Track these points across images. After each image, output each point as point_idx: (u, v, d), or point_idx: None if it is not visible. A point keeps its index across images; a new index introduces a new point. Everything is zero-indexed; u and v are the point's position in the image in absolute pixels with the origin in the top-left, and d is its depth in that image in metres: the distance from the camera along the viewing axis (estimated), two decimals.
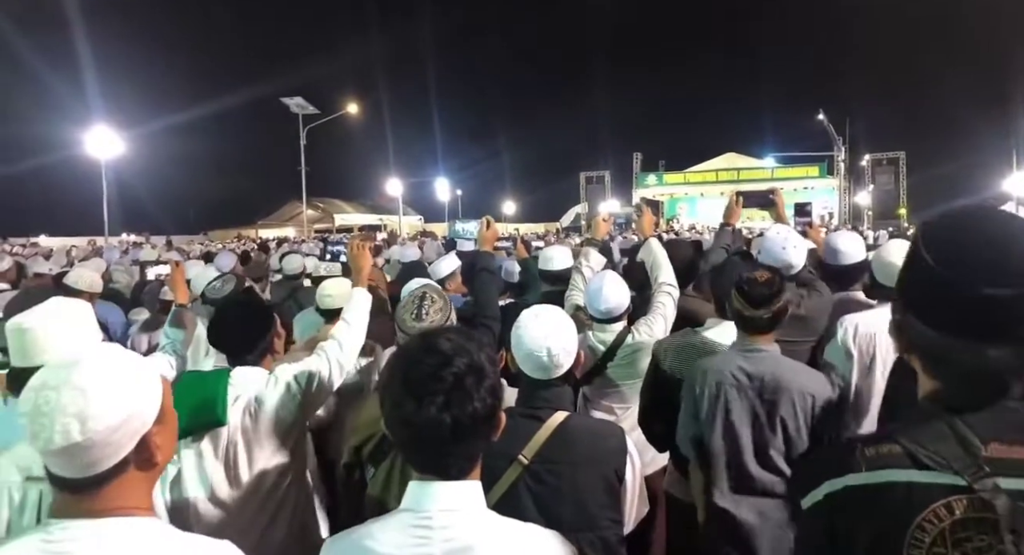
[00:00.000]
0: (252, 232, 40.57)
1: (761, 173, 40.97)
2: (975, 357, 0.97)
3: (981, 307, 0.95)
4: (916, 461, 0.98)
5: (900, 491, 0.97)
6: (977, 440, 0.96)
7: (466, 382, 1.18)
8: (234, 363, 2.19)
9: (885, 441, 1.02)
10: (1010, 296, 0.93)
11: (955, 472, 0.95)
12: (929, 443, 0.98)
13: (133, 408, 1.10)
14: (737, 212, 3.62)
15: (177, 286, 2.96)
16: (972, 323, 0.97)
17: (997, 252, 0.96)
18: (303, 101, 30.83)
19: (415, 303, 2.12)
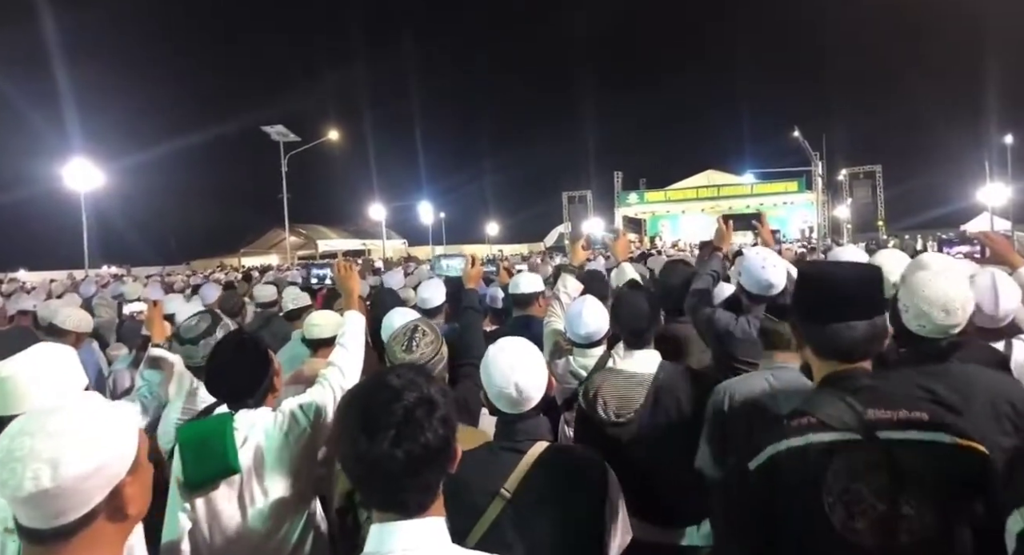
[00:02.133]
0: (235, 260, 40.33)
1: (741, 189, 41.36)
2: (843, 335, 1.46)
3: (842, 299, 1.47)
4: (825, 426, 1.40)
5: (818, 447, 1.39)
6: (858, 405, 1.40)
7: (416, 414, 1.19)
8: (236, 408, 2.14)
9: (802, 415, 1.45)
10: (855, 291, 1.49)
11: (851, 430, 1.38)
12: (832, 413, 1.41)
13: (106, 457, 1.10)
14: (728, 237, 3.63)
15: (154, 325, 2.94)
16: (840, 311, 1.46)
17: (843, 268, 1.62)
18: (283, 129, 30.82)
19: (406, 335, 2.13)
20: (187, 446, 2.01)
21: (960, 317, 1.96)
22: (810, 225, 36.84)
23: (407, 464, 1.17)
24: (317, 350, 3.38)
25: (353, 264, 2.83)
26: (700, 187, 43.80)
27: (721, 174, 45.14)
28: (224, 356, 2.22)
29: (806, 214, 38.75)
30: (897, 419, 1.39)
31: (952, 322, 1.95)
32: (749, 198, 40.09)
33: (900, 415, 1.40)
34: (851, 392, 1.44)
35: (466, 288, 3.06)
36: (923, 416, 1.40)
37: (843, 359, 1.49)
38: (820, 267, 1.78)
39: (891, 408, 1.41)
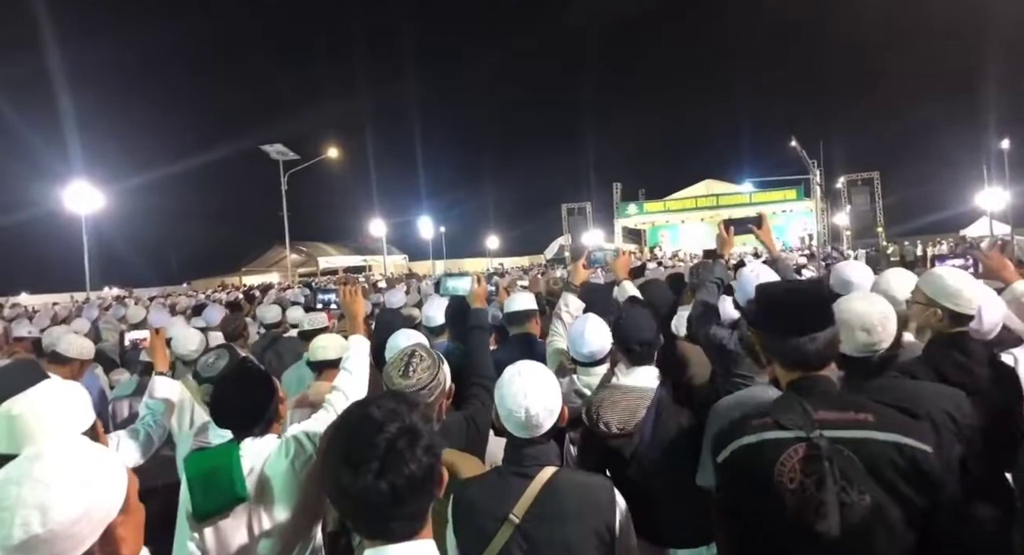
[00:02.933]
0: (236, 279, 40.43)
1: (739, 198, 41.41)
2: (801, 348, 1.64)
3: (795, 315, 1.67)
4: (779, 425, 1.60)
5: (771, 444, 1.60)
6: (811, 409, 1.59)
7: (398, 445, 1.19)
8: (242, 437, 2.14)
9: (762, 416, 1.66)
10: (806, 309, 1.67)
11: (798, 429, 1.57)
12: (785, 414, 1.61)
13: (95, 499, 1.10)
14: (730, 242, 3.59)
15: (157, 353, 2.93)
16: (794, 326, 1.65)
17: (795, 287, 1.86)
18: (283, 147, 30.96)
19: (403, 360, 2.12)
20: (195, 477, 2.02)
21: (880, 334, 2.02)
22: (809, 233, 36.89)
23: (392, 495, 1.17)
24: (322, 372, 3.40)
25: (358, 288, 2.84)
26: (699, 196, 43.89)
27: (720, 183, 45.22)
28: (228, 387, 2.22)
29: (805, 222, 38.83)
30: (844, 420, 1.58)
31: (873, 339, 2.02)
32: (748, 207, 40.13)
33: (847, 416, 1.59)
34: (807, 397, 1.64)
35: (473, 307, 3.05)
36: (868, 417, 1.58)
37: (805, 369, 1.68)
38: (777, 288, 1.87)
39: (840, 410, 1.61)
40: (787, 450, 1.57)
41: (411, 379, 2.05)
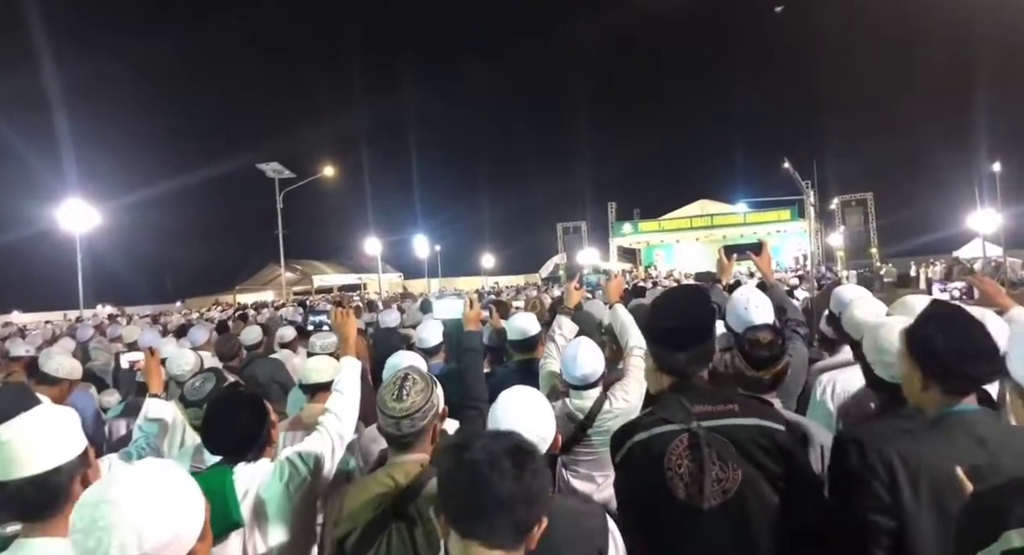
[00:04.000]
0: (230, 297, 40.31)
1: (734, 219, 41.62)
2: (670, 358, 1.96)
3: (667, 332, 1.98)
4: (664, 420, 1.89)
5: (659, 437, 1.87)
6: (689, 405, 1.88)
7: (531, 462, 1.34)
8: (235, 462, 2.14)
9: (651, 415, 1.94)
10: (676, 327, 1.96)
11: (681, 422, 1.86)
12: (667, 410, 1.91)
13: (184, 524, 1.13)
14: (729, 269, 3.62)
15: (152, 375, 2.93)
16: (666, 340, 1.98)
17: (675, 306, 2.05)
18: (278, 166, 31.02)
19: (396, 384, 2.12)
20: None
21: None
22: (804, 253, 37.04)
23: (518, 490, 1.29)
24: (315, 395, 3.39)
25: (350, 309, 2.85)
26: (694, 216, 44.08)
27: (714, 203, 45.45)
28: (219, 413, 2.23)
29: (799, 242, 38.99)
30: (715, 411, 1.88)
31: None
32: (742, 227, 40.35)
33: (717, 408, 1.89)
34: (684, 394, 1.93)
35: (466, 330, 3.07)
36: (734, 407, 1.89)
37: (679, 375, 1.97)
38: (659, 314, 2.10)
39: (711, 403, 1.90)
40: (673, 440, 1.86)
41: (404, 402, 2.06)
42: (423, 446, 2.12)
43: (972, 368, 1.73)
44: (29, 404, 1.88)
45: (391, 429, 2.07)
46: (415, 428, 2.05)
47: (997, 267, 27.00)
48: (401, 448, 2.10)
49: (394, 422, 2.05)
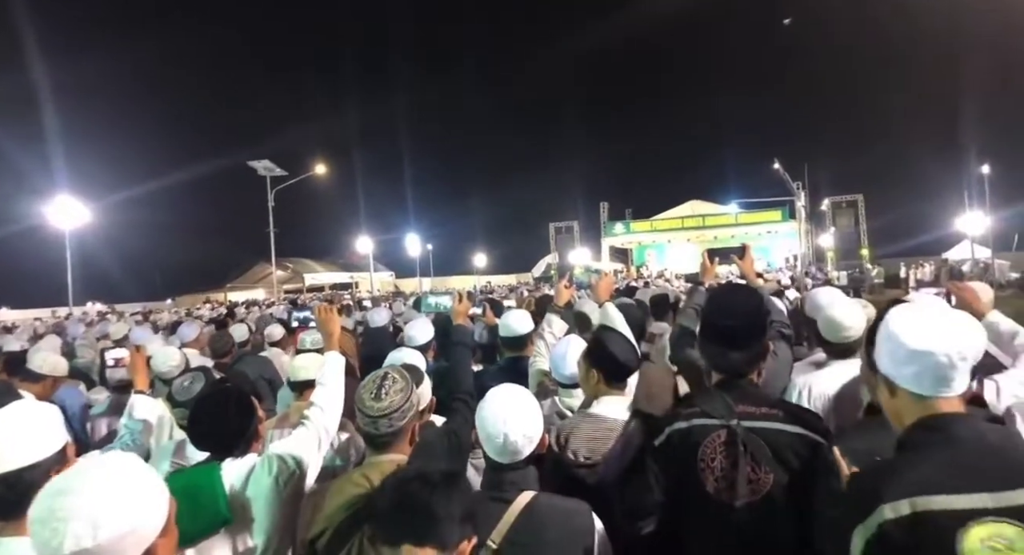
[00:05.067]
0: (221, 295, 40.16)
1: (725, 219, 41.77)
2: (728, 357, 1.97)
3: (728, 331, 1.97)
4: (705, 414, 1.91)
5: (698, 429, 1.91)
6: (732, 403, 1.89)
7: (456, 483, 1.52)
8: (222, 458, 2.13)
9: (691, 407, 1.96)
10: (737, 325, 1.97)
11: (721, 418, 1.88)
12: (709, 404, 1.93)
13: (142, 518, 1.12)
14: (711, 271, 3.65)
15: (138, 372, 2.91)
16: (726, 340, 1.97)
17: (734, 304, 2.03)
18: (270, 164, 30.91)
19: (376, 383, 2.11)
20: (176, 499, 1.98)
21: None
22: (794, 254, 37.18)
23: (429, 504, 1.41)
24: (302, 392, 3.37)
25: (333, 306, 2.84)
26: (685, 217, 44.21)
27: (706, 204, 45.57)
28: (206, 409, 2.21)
29: (790, 243, 39.14)
30: (759, 413, 1.87)
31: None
32: (733, 228, 40.50)
33: (761, 410, 1.88)
34: (729, 393, 1.94)
35: (455, 324, 3.07)
36: (779, 412, 1.88)
37: (733, 374, 1.99)
38: (716, 312, 2.09)
39: (756, 405, 1.90)
40: (711, 434, 1.88)
41: (383, 402, 2.04)
42: (401, 446, 2.11)
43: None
44: (7, 400, 1.85)
45: (369, 428, 2.06)
46: (393, 428, 2.05)
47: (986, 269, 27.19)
48: (378, 448, 2.09)
49: (371, 421, 2.04)
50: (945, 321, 1.48)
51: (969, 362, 1.46)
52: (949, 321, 1.48)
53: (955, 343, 1.43)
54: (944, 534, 1.28)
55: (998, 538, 1.25)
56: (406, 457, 2.10)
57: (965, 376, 1.46)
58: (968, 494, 1.29)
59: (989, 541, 1.25)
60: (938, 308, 1.57)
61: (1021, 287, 20.09)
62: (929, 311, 1.52)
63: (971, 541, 1.26)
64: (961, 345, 1.44)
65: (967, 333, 1.48)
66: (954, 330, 1.46)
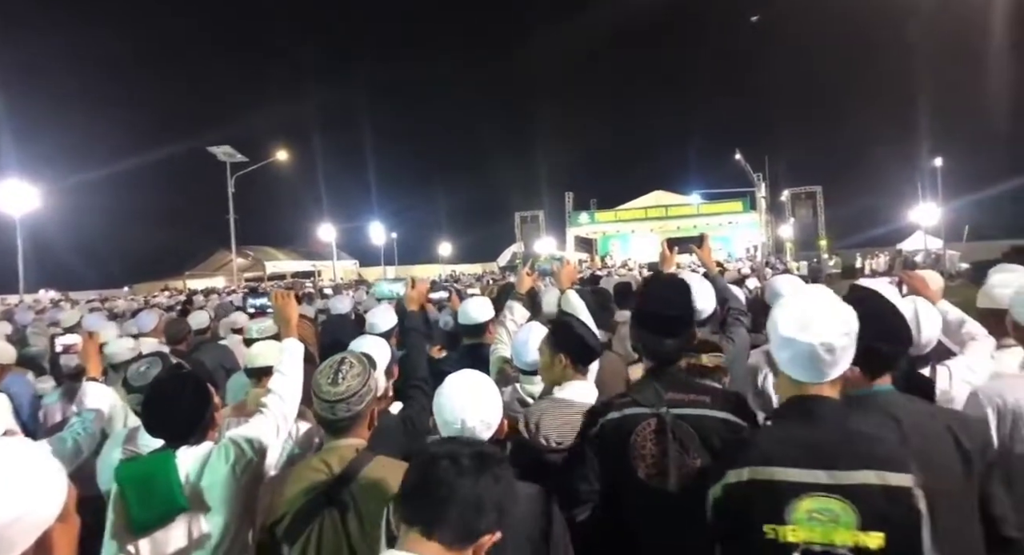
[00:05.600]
0: (180, 283, 39.31)
1: (688, 210, 42.18)
2: (661, 344, 2.07)
3: (660, 319, 2.08)
4: (636, 403, 2.00)
5: (629, 418, 1.99)
6: (662, 390, 1.99)
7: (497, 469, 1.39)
8: (177, 446, 2.09)
9: (625, 396, 2.08)
10: (668, 315, 2.09)
11: (651, 407, 1.96)
12: (642, 394, 2.02)
13: (32, 503, 1.06)
14: (671, 260, 3.70)
15: (90, 358, 2.84)
16: (658, 328, 2.08)
17: (666, 294, 2.16)
18: (230, 149, 30.33)
19: (332, 368, 2.09)
20: (130, 486, 1.96)
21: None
22: (755, 244, 37.77)
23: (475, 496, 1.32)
24: (260, 379, 3.31)
25: (291, 293, 2.80)
26: (649, 207, 44.52)
27: (669, 195, 45.96)
28: (161, 394, 2.17)
29: (751, 233, 39.72)
30: (687, 400, 1.97)
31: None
32: (696, 218, 40.91)
33: (690, 397, 1.98)
34: (661, 381, 2.03)
35: (408, 311, 3.06)
36: (706, 398, 1.98)
37: (663, 361, 2.10)
38: (650, 302, 2.22)
39: (685, 392, 2.00)
40: (642, 423, 1.97)
41: (340, 386, 2.03)
42: (359, 431, 2.10)
43: (893, 349, 1.81)
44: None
45: (326, 413, 2.04)
46: (351, 412, 2.03)
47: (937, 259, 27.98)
48: (336, 433, 2.08)
49: (329, 406, 2.02)
50: (821, 312, 1.57)
51: (839, 353, 1.55)
52: (825, 312, 1.57)
53: (824, 334, 1.53)
54: (778, 501, 1.46)
55: (825, 511, 1.42)
56: (365, 442, 2.09)
57: (837, 365, 1.57)
58: (806, 469, 1.46)
59: (816, 513, 1.43)
60: (825, 299, 1.63)
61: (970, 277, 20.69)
62: (812, 301, 1.61)
63: (799, 512, 1.44)
64: (831, 336, 1.54)
65: (842, 324, 1.56)
66: (828, 321, 1.55)
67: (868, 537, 1.40)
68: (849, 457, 1.47)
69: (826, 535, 1.42)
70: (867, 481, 1.43)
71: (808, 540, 1.43)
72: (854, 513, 1.41)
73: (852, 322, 1.58)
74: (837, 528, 1.41)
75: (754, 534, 1.49)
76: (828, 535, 1.42)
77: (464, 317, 3.89)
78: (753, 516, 1.50)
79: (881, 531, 1.40)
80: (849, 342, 1.56)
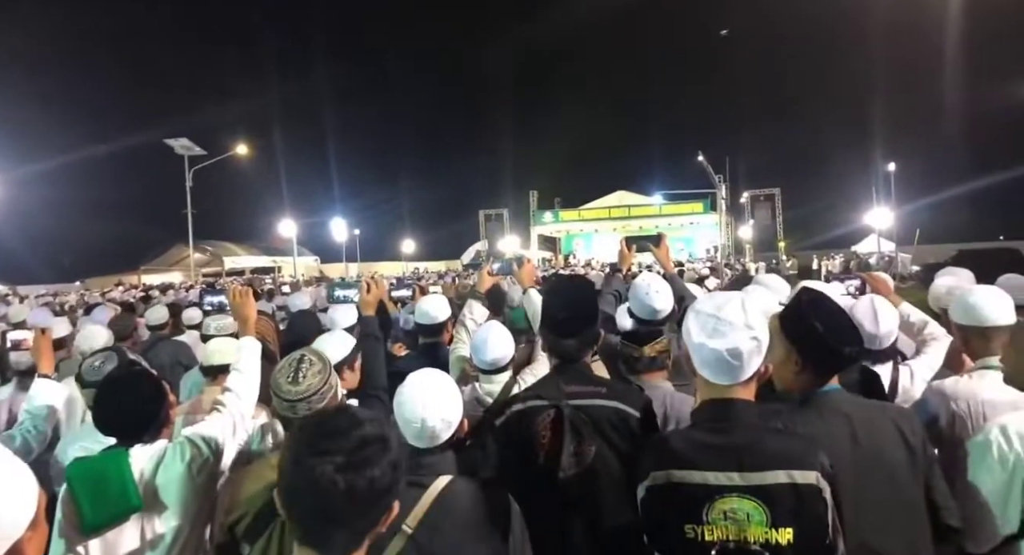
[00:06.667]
0: (135, 278, 38.38)
1: (650, 210, 42.68)
2: (561, 344, 2.23)
3: (560, 321, 2.23)
4: (538, 396, 2.17)
5: (531, 410, 2.15)
6: (563, 384, 2.15)
7: (370, 449, 1.17)
8: (130, 444, 2.05)
9: (529, 391, 2.26)
10: (568, 316, 2.22)
11: (552, 399, 2.12)
12: (544, 388, 2.20)
13: (6, 513, 1.05)
14: (628, 258, 3.74)
15: (42, 355, 2.78)
16: (559, 328, 2.23)
17: (566, 296, 2.29)
18: (188, 142, 29.71)
19: (292, 366, 2.07)
20: (81, 486, 1.91)
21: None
22: (715, 245, 38.35)
23: (346, 496, 1.13)
24: (216, 377, 3.27)
25: (248, 289, 2.75)
26: (612, 207, 44.94)
27: (632, 195, 46.44)
28: (114, 391, 2.12)
29: (711, 234, 40.34)
30: (584, 392, 2.13)
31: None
32: (658, 218, 41.41)
33: (587, 389, 2.14)
34: (563, 376, 2.20)
35: (363, 315, 2.97)
36: (602, 390, 2.15)
37: (567, 359, 2.24)
38: (552, 304, 2.34)
39: (582, 385, 2.16)
40: (542, 414, 2.12)
41: (300, 385, 2.01)
42: None
43: (847, 350, 1.87)
44: None
45: (287, 412, 2.02)
46: (312, 411, 2.01)
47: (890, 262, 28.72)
48: None
49: (290, 405, 2.00)
50: (729, 317, 1.60)
51: (747, 357, 1.59)
52: (734, 318, 1.60)
53: (731, 340, 1.58)
54: (695, 502, 1.56)
55: (738, 511, 1.52)
56: None
57: (745, 369, 1.61)
58: (721, 472, 1.55)
59: (730, 512, 1.53)
60: (734, 303, 1.64)
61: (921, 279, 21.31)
62: (721, 306, 1.63)
63: (715, 512, 1.54)
64: (738, 342, 1.58)
65: (749, 330, 1.59)
66: (736, 327, 1.59)
67: (779, 533, 1.50)
68: (760, 458, 1.55)
69: (739, 532, 1.52)
70: (777, 481, 1.53)
71: (723, 538, 1.53)
72: (765, 512, 1.51)
73: (760, 327, 1.62)
74: (750, 526, 1.51)
75: (676, 532, 1.59)
76: (741, 532, 1.52)
77: (422, 316, 3.84)
78: (673, 516, 1.60)
79: (790, 527, 1.50)
80: (756, 347, 1.60)
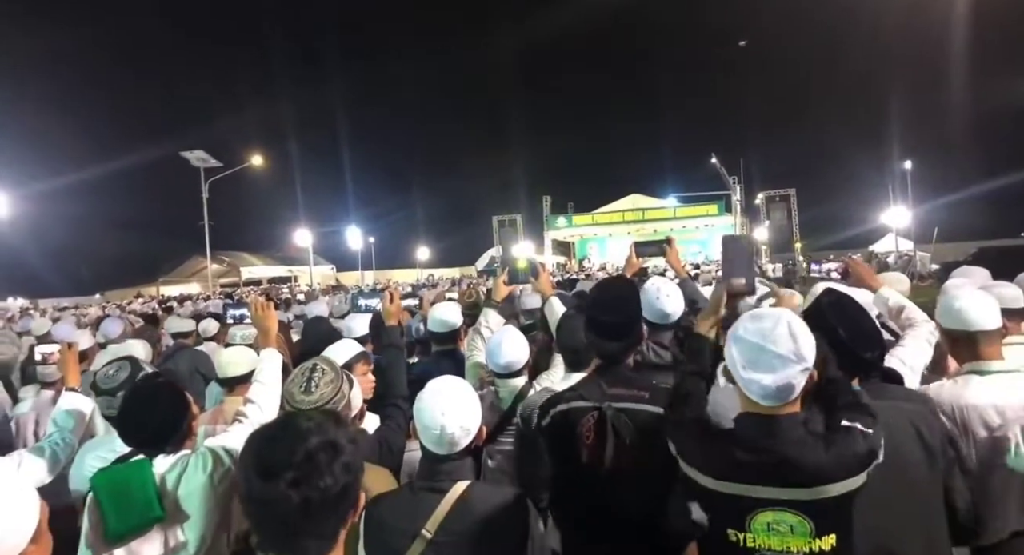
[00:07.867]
0: (153, 290, 38.79)
1: (664, 213, 42.49)
2: (605, 346, 2.25)
3: (605, 323, 2.24)
4: (582, 397, 2.21)
5: (576, 410, 2.19)
6: (606, 386, 2.19)
7: (318, 458, 1.19)
8: (153, 455, 2.07)
9: (573, 391, 2.28)
10: (613, 319, 2.23)
11: (595, 401, 2.16)
12: (587, 389, 2.24)
13: (6, 527, 1.07)
14: (635, 263, 3.75)
15: (69, 369, 2.82)
16: (604, 331, 2.24)
17: (612, 299, 2.30)
18: (204, 154, 30.00)
19: (304, 375, 2.07)
20: (106, 495, 1.94)
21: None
22: None
23: (303, 509, 1.16)
24: (233, 388, 3.30)
25: (270, 302, 2.77)
26: (626, 211, 44.78)
27: (645, 198, 46.31)
28: (137, 402, 2.15)
29: None
30: (627, 395, 2.16)
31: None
32: (672, 221, 41.20)
33: (630, 392, 2.17)
34: (605, 378, 2.23)
35: (386, 325, 2.96)
36: (644, 394, 2.16)
37: (608, 361, 2.28)
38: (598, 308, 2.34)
39: (626, 388, 2.19)
40: (586, 415, 2.16)
41: (313, 395, 2.01)
42: None
43: (868, 355, 1.87)
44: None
45: None
46: None
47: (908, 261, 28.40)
48: None
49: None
50: (778, 350, 1.57)
51: (796, 388, 1.59)
52: (783, 351, 1.57)
53: (781, 377, 1.56)
54: (740, 512, 1.62)
55: (783, 523, 1.58)
56: None
57: (794, 393, 1.60)
58: (764, 486, 1.59)
59: (773, 524, 1.59)
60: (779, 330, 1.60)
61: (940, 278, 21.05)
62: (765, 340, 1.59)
63: (758, 523, 1.60)
64: (788, 377, 1.57)
65: (797, 362, 1.57)
66: (785, 362, 1.57)
67: (822, 541, 1.56)
68: (804, 474, 1.57)
69: (783, 543, 1.58)
70: (819, 496, 1.55)
71: (765, 547, 1.59)
72: (809, 524, 1.56)
73: (810, 352, 1.59)
74: (793, 537, 1.56)
75: (719, 535, 1.66)
76: (785, 542, 1.58)
77: (437, 325, 3.83)
78: (718, 519, 1.68)
79: (833, 533, 1.56)
80: (807, 375, 1.60)
